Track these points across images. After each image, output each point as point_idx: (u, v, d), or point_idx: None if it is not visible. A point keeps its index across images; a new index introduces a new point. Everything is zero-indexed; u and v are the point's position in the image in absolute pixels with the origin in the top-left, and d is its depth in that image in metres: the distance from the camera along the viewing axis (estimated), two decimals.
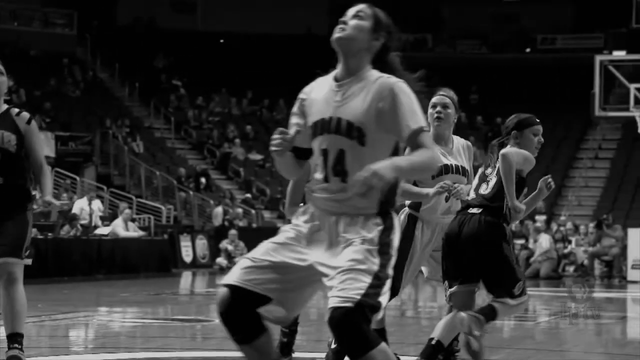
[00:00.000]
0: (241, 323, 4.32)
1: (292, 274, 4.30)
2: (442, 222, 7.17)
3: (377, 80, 4.27)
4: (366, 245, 4.17)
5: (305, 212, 4.38)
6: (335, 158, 4.24)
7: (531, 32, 40.38)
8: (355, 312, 4.11)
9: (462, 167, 7.30)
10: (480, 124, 36.44)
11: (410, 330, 11.44)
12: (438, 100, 7.45)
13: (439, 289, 21.27)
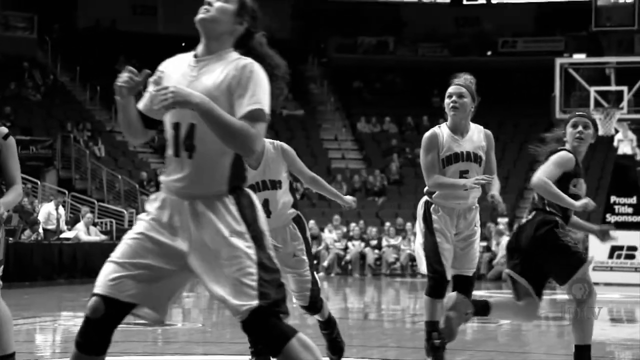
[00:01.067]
0: (102, 334, 4.28)
1: (156, 273, 4.23)
2: (458, 207, 7.32)
3: (235, 61, 4.25)
4: (235, 237, 4.13)
5: (156, 199, 4.32)
6: (186, 132, 4.20)
7: (492, 35, 40.57)
8: (260, 310, 4.11)
9: (473, 154, 7.36)
10: None
11: (373, 333, 11.45)
12: (454, 90, 7.55)
13: (402, 291, 21.33)
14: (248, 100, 4.14)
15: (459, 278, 7.42)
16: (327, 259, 27.12)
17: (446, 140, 7.34)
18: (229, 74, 4.21)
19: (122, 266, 4.25)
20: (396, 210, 31.15)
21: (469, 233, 7.38)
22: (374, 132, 36.49)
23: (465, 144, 7.36)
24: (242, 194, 4.24)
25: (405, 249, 27.28)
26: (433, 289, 7.28)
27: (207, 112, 4.05)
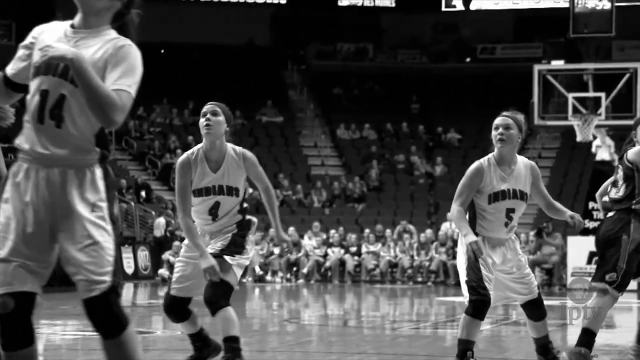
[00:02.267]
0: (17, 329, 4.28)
1: (38, 254, 4.26)
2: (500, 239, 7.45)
3: (113, 40, 4.26)
4: (95, 215, 4.17)
5: (19, 171, 4.28)
6: (54, 101, 4.20)
7: (471, 41, 40.69)
8: (112, 289, 4.16)
9: (519, 191, 7.45)
10: (421, 133, 36.63)
11: (352, 340, 11.44)
12: (501, 121, 7.57)
13: (382, 298, 21.34)
14: (116, 80, 4.15)
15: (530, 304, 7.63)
16: (306, 265, 27.12)
17: (493, 176, 7.43)
18: (107, 52, 4.22)
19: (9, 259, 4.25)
20: (376, 217, 31.17)
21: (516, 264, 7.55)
22: (353, 139, 36.52)
23: (512, 180, 7.45)
24: (108, 170, 4.29)
25: (385, 255, 27.30)
26: (476, 309, 7.36)
27: (80, 70, 4.06)
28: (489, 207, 7.37)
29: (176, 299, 7.21)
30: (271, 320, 14.97)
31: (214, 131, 7.08)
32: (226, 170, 7.02)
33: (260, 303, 20.48)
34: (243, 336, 11.76)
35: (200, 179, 7.06)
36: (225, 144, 7.13)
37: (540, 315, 7.60)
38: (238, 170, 7.04)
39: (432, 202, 33.26)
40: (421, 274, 27.03)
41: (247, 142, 35.78)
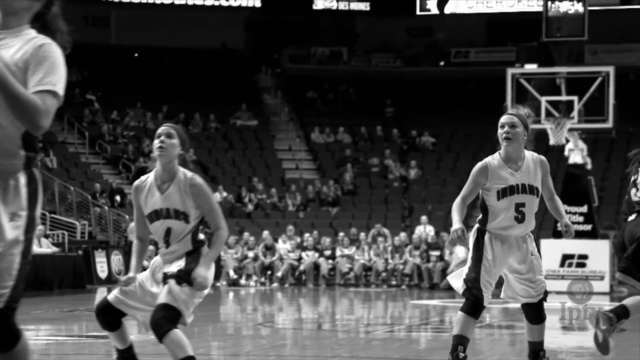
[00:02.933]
0: None
1: None
2: (510, 235, 7.46)
3: (32, 39, 4.18)
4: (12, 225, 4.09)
5: None
6: None
7: (445, 45, 40.82)
8: (11, 299, 4.10)
9: (529, 186, 7.48)
10: (396, 136, 36.70)
11: (327, 343, 11.45)
12: (506, 120, 7.60)
13: (356, 301, 21.35)
14: (40, 81, 4.08)
15: (528, 306, 7.66)
16: (281, 269, 27.11)
17: (498, 172, 7.49)
18: (27, 52, 4.15)
19: None
20: (350, 220, 31.20)
21: (527, 265, 7.55)
22: (327, 142, 36.55)
23: (520, 175, 7.49)
24: (33, 175, 4.20)
25: (359, 258, 27.33)
26: (470, 309, 7.53)
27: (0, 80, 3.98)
28: (498, 204, 7.44)
29: (110, 305, 7.03)
30: (245, 324, 14.95)
31: (167, 153, 6.98)
32: (173, 193, 6.91)
33: (234, 307, 20.45)
34: (217, 340, 11.76)
35: (150, 201, 6.96)
36: (176, 167, 7.03)
37: (537, 318, 7.63)
38: (185, 195, 6.93)
39: (406, 205, 33.32)
40: (395, 277, 27.07)
41: (221, 145, 35.76)
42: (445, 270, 26.26)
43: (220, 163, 34.65)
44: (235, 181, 33.46)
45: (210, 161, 34.51)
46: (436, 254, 26.74)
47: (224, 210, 32.94)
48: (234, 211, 31.56)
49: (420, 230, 28.30)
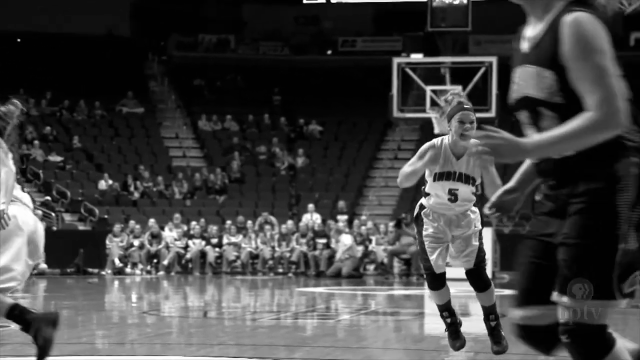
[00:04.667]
0: None
1: None
2: (447, 214, 7.87)
3: None
4: None
5: None
6: None
7: (332, 34, 41.01)
8: None
9: (465, 175, 7.81)
10: (283, 124, 36.75)
11: (212, 331, 11.45)
12: (466, 117, 7.83)
13: (243, 289, 21.37)
14: None
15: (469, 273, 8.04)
16: (167, 257, 26.96)
17: (441, 157, 7.82)
18: None
19: None
20: (237, 208, 31.18)
21: (465, 236, 7.94)
22: (215, 130, 36.43)
23: (460, 164, 7.82)
24: None
25: (246, 246, 27.34)
26: (429, 283, 8.01)
27: None
28: (433, 184, 7.85)
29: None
30: (130, 313, 14.86)
31: None
32: None
33: (119, 295, 20.29)
34: (102, 329, 11.67)
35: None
36: None
37: (480, 285, 7.99)
38: None
39: (293, 193, 33.43)
40: (282, 265, 27.16)
41: (107, 133, 35.37)
42: (331, 258, 26.45)
43: (106, 150, 34.27)
44: (121, 169, 33.14)
45: (96, 148, 34.11)
46: (323, 242, 26.90)
47: (109, 199, 32.56)
48: (119, 199, 31.26)
49: (307, 218, 28.43)
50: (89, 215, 29.56)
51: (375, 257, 26.57)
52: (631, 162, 3.72)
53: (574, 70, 3.67)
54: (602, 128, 3.63)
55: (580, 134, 3.64)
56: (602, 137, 3.65)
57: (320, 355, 8.67)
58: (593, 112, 3.63)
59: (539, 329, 3.92)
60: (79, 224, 29.62)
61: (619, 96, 3.63)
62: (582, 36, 3.66)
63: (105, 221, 29.14)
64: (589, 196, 3.73)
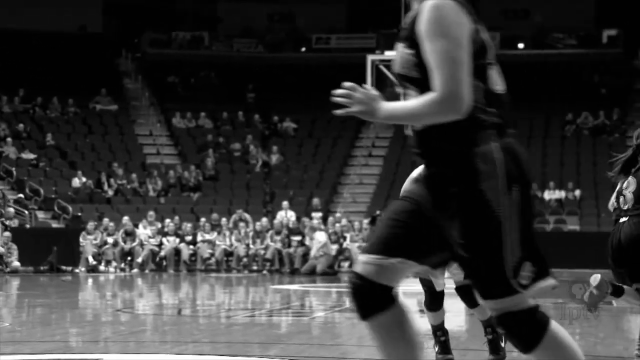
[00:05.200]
0: None
1: None
2: None
3: None
4: None
5: None
6: None
7: (306, 31, 40.99)
8: None
9: None
10: (257, 122, 36.73)
11: (187, 329, 11.44)
12: None
13: (217, 287, 21.36)
14: None
15: (459, 290, 7.93)
16: (141, 255, 26.90)
17: None
18: None
19: None
20: (211, 206, 31.14)
21: None
22: (189, 128, 36.36)
23: None
24: None
25: (221, 244, 27.32)
26: (429, 303, 7.94)
27: None
28: None
29: None
30: (104, 310, 14.82)
31: None
32: None
33: (93, 293, 20.23)
34: (75, 327, 11.64)
35: None
36: None
37: (470, 302, 7.87)
38: None
39: (267, 190, 33.42)
40: (256, 263, 27.15)
41: (80, 130, 35.22)
42: (306, 255, 26.47)
43: (80, 148, 34.14)
44: (94, 166, 33.02)
45: (69, 146, 33.98)
46: (297, 239, 26.91)
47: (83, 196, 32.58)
48: (93, 197, 31.15)
49: (282, 215, 28.44)
50: (63, 213, 29.44)
51: (350, 255, 26.60)
52: (493, 147, 3.79)
53: (426, 49, 3.79)
54: (441, 109, 3.74)
55: (422, 110, 3.78)
56: (442, 117, 3.76)
57: (295, 353, 8.68)
58: (436, 92, 3.75)
59: (371, 285, 3.86)
60: (53, 222, 29.49)
61: (460, 83, 3.72)
62: (435, 19, 3.76)
63: (79, 219, 29.03)
64: (461, 188, 3.76)
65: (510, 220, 3.74)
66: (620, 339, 9.61)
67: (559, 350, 3.87)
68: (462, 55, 3.74)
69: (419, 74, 3.86)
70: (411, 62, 3.89)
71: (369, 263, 3.87)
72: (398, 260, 3.85)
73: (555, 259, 19.34)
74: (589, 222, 31.19)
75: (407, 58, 3.91)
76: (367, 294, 3.87)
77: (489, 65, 3.85)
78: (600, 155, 34.77)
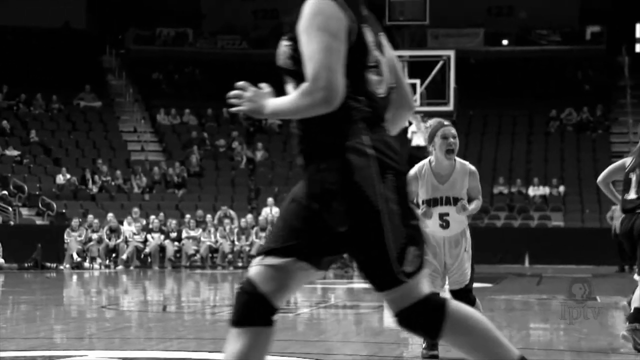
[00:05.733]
0: None
1: None
2: (444, 236, 7.79)
3: None
4: None
5: None
6: None
7: (290, 28, 40.96)
8: None
9: (453, 198, 7.75)
10: (242, 118, 36.69)
11: (172, 325, 11.43)
12: (448, 132, 7.73)
13: (202, 283, 21.35)
14: None
15: (454, 294, 7.88)
16: (126, 251, 26.86)
17: (427, 182, 7.79)
18: None
19: None
20: (196, 202, 31.12)
21: (457, 264, 7.84)
22: (173, 124, 36.33)
23: (446, 187, 7.77)
24: None
25: (205, 240, 27.30)
26: None
27: None
28: (429, 210, 7.76)
29: None
30: (89, 307, 14.79)
31: None
32: None
33: (77, 290, 20.18)
34: (60, 323, 11.62)
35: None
36: None
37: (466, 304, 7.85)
38: None
39: (252, 187, 33.41)
40: (242, 259, 27.14)
41: (64, 127, 35.15)
42: None
43: (64, 145, 34.07)
44: (79, 163, 32.95)
45: (53, 143, 33.90)
46: None
47: (67, 193, 32.58)
48: (77, 193, 31.09)
49: (267, 212, 28.43)
50: (47, 210, 29.37)
51: None
52: (364, 140, 3.79)
53: (302, 41, 3.89)
54: (315, 99, 3.76)
55: (298, 101, 3.82)
56: (316, 107, 3.78)
57: (280, 349, 8.68)
58: (307, 84, 3.79)
59: (259, 292, 3.87)
60: (37, 219, 29.42)
61: (334, 73, 3.75)
62: (313, 12, 3.90)
63: (63, 215, 28.97)
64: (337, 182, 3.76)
65: (388, 208, 3.73)
66: (605, 334, 9.65)
67: (467, 334, 3.85)
68: (337, 47, 3.79)
69: (294, 65, 3.93)
70: (288, 54, 3.98)
71: (260, 265, 3.88)
72: (289, 261, 3.84)
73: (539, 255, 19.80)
74: (573, 218, 31.30)
75: (285, 50, 4.01)
76: (250, 301, 3.86)
77: (368, 67, 3.88)
78: (584, 151, 34.89)
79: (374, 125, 3.85)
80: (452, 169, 7.78)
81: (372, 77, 3.90)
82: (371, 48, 3.91)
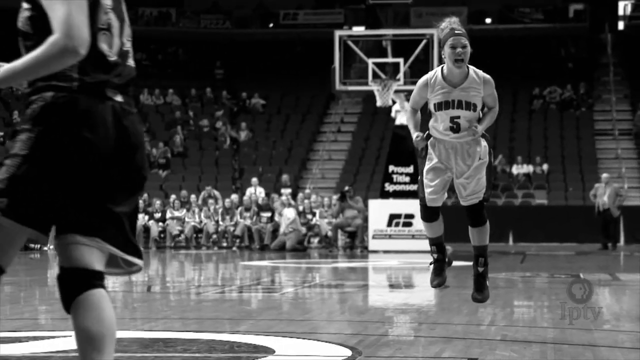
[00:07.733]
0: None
1: None
2: (452, 142, 7.72)
3: None
4: None
5: None
6: None
7: (273, 7, 40.89)
8: None
9: (465, 102, 7.68)
10: (225, 99, 36.65)
11: (157, 305, 11.44)
12: (457, 42, 7.64)
13: (187, 264, 21.35)
14: None
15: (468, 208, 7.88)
16: None
17: (439, 87, 7.71)
18: None
19: None
20: (180, 183, 31.10)
21: (470, 172, 7.77)
22: (157, 105, 36.23)
23: (458, 91, 7.69)
24: None
25: (190, 221, 27.28)
26: (421, 214, 7.98)
27: None
28: (435, 113, 7.74)
29: None
30: None
31: None
32: None
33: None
34: (44, 304, 11.61)
35: None
36: None
37: (476, 220, 7.88)
38: None
39: (236, 167, 33.39)
40: (226, 239, 27.14)
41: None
42: (275, 231, 26.48)
43: None
44: None
45: None
46: (267, 216, 26.91)
47: None
48: None
49: (251, 191, 28.42)
50: None
51: (319, 231, 26.63)
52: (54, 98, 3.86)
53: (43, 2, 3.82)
54: (59, 50, 3.74)
55: (42, 54, 3.77)
56: (62, 58, 3.76)
57: (265, 328, 8.70)
58: (55, 33, 3.74)
59: None
60: None
61: (78, 23, 3.76)
62: None
63: None
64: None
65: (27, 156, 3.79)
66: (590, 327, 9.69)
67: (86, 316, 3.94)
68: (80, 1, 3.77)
69: (31, 28, 3.91)
70: (26, 16, 3.94)
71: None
72: None
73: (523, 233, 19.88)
74: (557, 196, 31.39)
75: (24, 14, 3.97)
76: None
77: (98, 28, 3.92)
78: (567, 129, 34.97)
79: (93, 87, 3.96)
80: (465, 76, 7.71)
81: (101, 38, 3.95)
82: (104, 9, 3.94)
